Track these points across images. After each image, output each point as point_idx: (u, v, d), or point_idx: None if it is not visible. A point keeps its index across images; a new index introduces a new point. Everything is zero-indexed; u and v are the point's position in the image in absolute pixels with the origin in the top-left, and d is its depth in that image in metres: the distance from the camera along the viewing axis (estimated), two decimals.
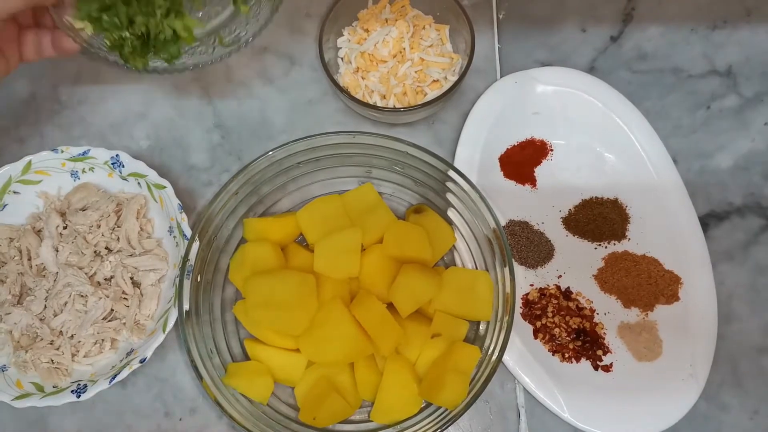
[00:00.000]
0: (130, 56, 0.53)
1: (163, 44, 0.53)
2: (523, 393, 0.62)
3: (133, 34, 0.52)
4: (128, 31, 0.51)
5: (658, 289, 0.63)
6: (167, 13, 0.52)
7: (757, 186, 0.69)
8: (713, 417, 0.61)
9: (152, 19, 0.51)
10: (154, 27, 0.52)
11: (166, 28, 0.52)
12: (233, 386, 0.56)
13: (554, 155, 0.69)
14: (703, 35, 0.75)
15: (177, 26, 0.53)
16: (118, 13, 0.50)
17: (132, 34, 0.51)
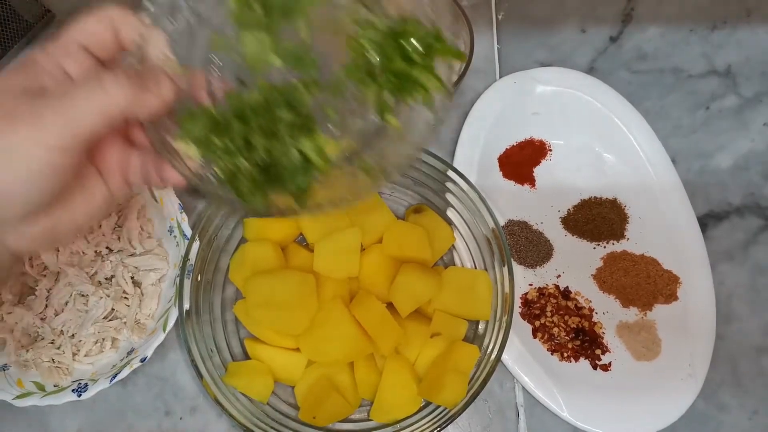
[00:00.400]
0: (247, 192, 0.40)
1: (290, 173, 0.41)
2: (522, 392, 0.62)
3: (252, 162, 0.40)
4: (244, 158, 0.40)
5: (656, 289, 0.63)
6: (293, 130, 0.41)
7: (757, 186, 0.69)
8: (712, 416, 0.61)
9: (276, 142, 0.40)
10: (279, 151, 0.40)
11: (293, 151, 0.41)
12: (233, 385, 0.56)
13: (553, 155, 0.69)
14: (703, 35, 0.76)
15: (306, 147, 0.41)
16: (231, 132, 0.40)
17: (251, 163, 0.40)
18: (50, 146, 0.32)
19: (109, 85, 0.34)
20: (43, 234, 0.36)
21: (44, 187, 0.34)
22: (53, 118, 0.32)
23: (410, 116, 0.43)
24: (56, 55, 0.36)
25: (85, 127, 0.33)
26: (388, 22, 0.43)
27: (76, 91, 0.33)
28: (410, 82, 0.41)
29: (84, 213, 0.38)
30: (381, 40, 0.42)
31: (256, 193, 0.40)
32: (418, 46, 0.41)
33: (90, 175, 0.39)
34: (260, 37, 0.43)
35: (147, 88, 0.36)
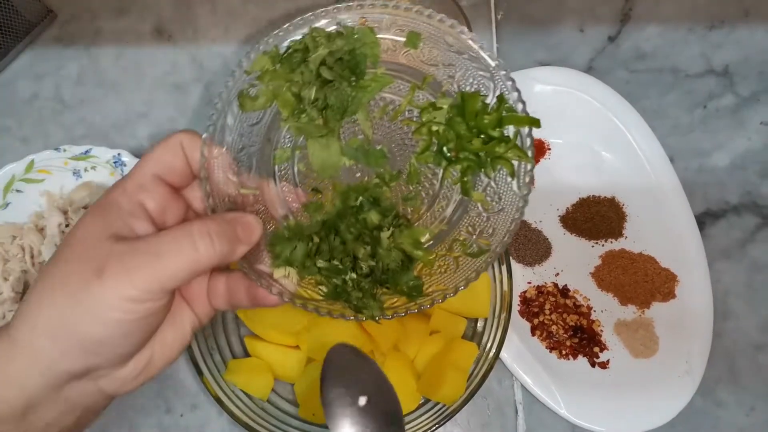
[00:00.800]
0: (361, 304, 0.39)
1: (393, 276, 0.40)
2: (520, 389, 0.62)
3: (360, 275, 0.40)
4: (355, 272, 0.40)
5: (654, 287, 0.63)
6: (387, 230, 0.40)
7: (754, 185, 0.69)
8: (709, 413, 0.61)
9: (379, 246, 0.40)
10: (385, 256, 0.40)
11: (394, 252, 0.40)
12: (234, 382, 0.56)
13: (552, 154, 0.70)
14: (701, 35, 0.76)
15: (405, 243, 0.41)
16: (332, 251, 0.40)
17: (358, 275, 0.40)
18: (139, 300, 0.32)
19: (200, 243, 0.34)
20: (138, 373, 0.36)
21: (135, 335, 0.34)
22: (143, 275, 0.32)
23: (496, 187, 0.42)
24: (134, 193, 0.36)
25: (175, 281, 0.33)
26: (448, 101, 0.42)
27: (166, 247, 0.33)
28: (492, 158, 0.41)
29: (176, 345, 0.39)
30: (447, 119, 0.42)
31: (369, 302, 0.40)
32: (489, 120, 0.40)
33: (178, 307, 0.39)
34: (326, 143, 0.42)
35: (238, 240, 0.36)
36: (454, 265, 0.42)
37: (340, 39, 0.41)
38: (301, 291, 0.40)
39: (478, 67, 0.42)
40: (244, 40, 0.77)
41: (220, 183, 0.40)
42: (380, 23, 0.43)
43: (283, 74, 0.41)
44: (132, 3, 0.78)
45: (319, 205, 0.42)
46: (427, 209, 0.43)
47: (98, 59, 0.76)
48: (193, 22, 0.78)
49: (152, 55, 0.76)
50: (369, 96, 0.42)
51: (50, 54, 0.76)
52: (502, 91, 0.41)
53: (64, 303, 0.32)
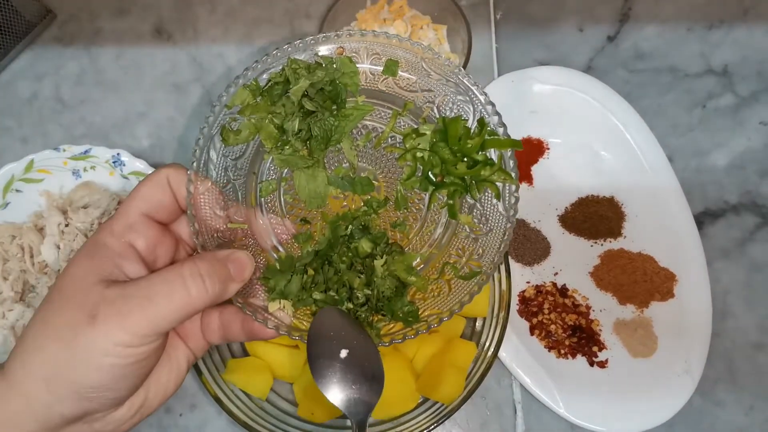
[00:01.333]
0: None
1: (389, 303, 0.41)
2: (519, 389, 0.62)
3: (357, 304, 0.41)
4: (350, 302, 0.41)
5: (653, 286, 0.63)
6: (380, 258, 0.41)
7: (753, 184, 0.69)
8: (708, 413, 0.61)
9: (373, 275, 0.41)
10: (381, 284, 0.41)
11: (389, 279, 0.41)
12: (233, 382, 0.56)
13: (551, 154, 0.70)
14: (700, 35, 0.76)
15: (399, 271, 0.42)
16: (327, 281, 0.41)
17: (354, 304, 0.41)
18: (133, 344, 0.33)
19: (191, 285, 0.34)
20: (133, 414, 0.36)
21: (129, 379, 0.34)
22: (135, 320, 0.32)
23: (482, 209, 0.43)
24: (122, 234, 0.36)
25: (167, 324, 0.34)
26: (430, 127, 0.42)
27: (157, 290, 0.34)
28: (477, 181, 0.41)
29: (171, 383, 0.39)
30: (431, 145, 0.42)
31: (367, 330, 0.40)
32: (472, 144, 0.41)
33: (173, 345, 0.39)
34: (312, 173, 0.43)
35: (231, 279, 0.36)
36: (447, 288, 0.42)
37: (320, 70, 0.42)
38: (297, 323, 0.40)
39: (456, 91, 0.43)
40: (243, 40, 0.77)
41: (208, 218, 0.40)
42: (358, 52, 0.43)
43: (264, 107, 0.42)
44: (132, 3, 0.78)
45: (309, 235, 0.43)
46: (416, 234, 0.44)
47: (98, 59, 0.76)
48: (193, 22, 0.78)
49: (152, 55, 0.77)
50: (352, 125, 0.43)
51: (50, 54, 0.77)
52: (483, 115, 0.42)
53: (57, 349, 0.32)
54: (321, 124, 0.42)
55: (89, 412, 0.34)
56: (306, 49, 0.42)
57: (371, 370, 0.40)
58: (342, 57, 0.43)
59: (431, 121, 0.43)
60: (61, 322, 0.33)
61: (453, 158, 0.42)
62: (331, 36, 0.42)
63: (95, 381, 0.32)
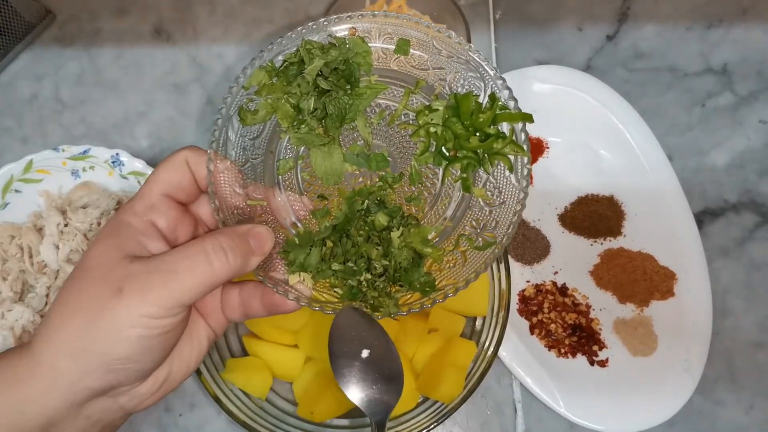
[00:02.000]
0: (377, 303, 0.41)
1: (406, 273, 0.41)
2: (519, 388, 0.62)
3: (375, 274, 0.41)
4: (368, 273, 0.41)
5: (653, 285, 0.63)
6: (396, 230, 0.42)
7: (752, 183, 0.69)
8: (708, 412, 0.61)
9: (390, 246, 0.41)
10: (398, 255, 0.41)
11: (405, 250, 0.42)
12: (232, 381, 0.56)
13: (550, 153, 0.70)
14: (699, 34, 0.76)
15: (415, 242, 0.42)
16: (346, 253, 0.41)
17: (373, 275, 0.41)
18: (157, 316, 0.33)
19: (214, 258, 0.35)
20: (157, 388, 0.37)
21: (155, 352, 0.35)
22: (159, 293, 0.33)
23: (495, 182, 0.43)
24: (144, 213, 0.37)
25: (191, 296, 0.34)
26: (442, 103, 0.43)
27: (181, 264, 0.34)
28: (489, 154, 0.42)
29: (193, 359, 0.40)
30: (443, 120, 0.43)
31: (385, 300, 0.41)
32: (484, 119, 0.41)
33: (194, 322, 0.40)
34: (328, 151, 0.44)
35: (251, 252, 0.37)
36: (462, 259, 0.43)
37: (333, 50, 0.42)
38: (316, 294, 0.41)
39: (467, 68, 0.43)
40: (243, 40, 0.77)
41: (228, 196, 0.41)
42: (370, 33, 0.44)
43: (280, 87, 0.43)
44: (131, 3, 0.79)
45: (326, 211, 0.43)
46: (430, 208, 0.44)
47: (98, 59, 0.77)
48: (193, 22, 0.78)
49: (151, 56, 0.77)
50: (366, 103, 0.44)
51: (50, 54, 0.77)
52: (494, 90, 0.42)
53: (84, 323, 0.33)
54: (336, 103, 0.43)
55: (115, 386, 0.34)
56: (320, 30, 0.43)
57: (391, 370, 0.41)
58: (354, 37, 0.43)
59: (443, 98, 0.44)
60: (87, 296, 0.33)
61: (465, 133, 0.42)
62: (344, 17, 0.43)
63: (122, 353, 0.33)
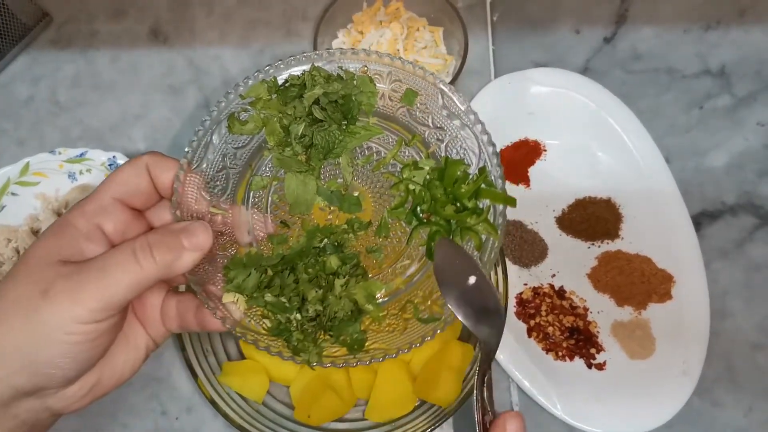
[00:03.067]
0: (300, 346, 0.39)
1: (342, 324, 0.39)
2: (517, 391, 0.62)
3: (305, 317, 0.39)
4: (299, 313, 0.39)
5: (651, 288, 0.63)
6: (344, 278, 0.40)
7: (751, 184, 0.69)
8: (707, 414, 0.61)
9: (330, 293, 0.39)
10: (334, 303, 0.39)
11: (345, 302, 0.40)
12: (229, 385, 0.56)
13: (548, 155, 0.70)
14: (697, 35, 0.76)
15: (358, 296, 0.40)
16: (283, 287, 0.39)
17: (303, 316, 0.39)
18: (84, 320, 0.33)
19: (141, 257, 0.34)
20: (85, 393, 0.37)
21: (82, 356, 0.34)
22: (87, 294, 0.33)
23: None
24: (92, 215, 0.36)
25: (119, 298, 0.34)
26: (430, 163, 0.42)
27: (109, 265, 0.34)
28: (462, 227, 0.41)
29: (128, 366, 0.39)
30: (426, 181, 0.42)
31: (309, 346, 0.39)
32: (465, 190, 0.41)
33: (132, 328, 0.39)
34: (304, 180, 0.43)
35: (182, 248, 0.35)
36: (402, 326, 0.41)
37: (337, 82, 0.42)
38: (244, 322, 0.40)
39: (467, 134, 0.42)
40: (240, 43, 0.77)
41: (192, 201, 0.40)
42: (381, 74, 0.43)
43: (276, 105, 0.42)
44: (128, 5, 0.78)
45: (284, 238, 0.42)
46: (389, 265, 0.43)
47: (94, 62, 0.76)
48: (189, 24, 0.78)
49: (148, 58, 0.76)
50: (356, 143, 0.43)
51: (46, 57, 0.77)
52: (485, 164, 0.41)
53: (12, 324, 0.32)
54: (325, 135, 0.42)
55: (41, 388, 0.34)
56: (332, 60, 0.43)
57: (493, 302, 0.39)
58: (364, 75, 0.43)
59: (435, 158, 0.43)
60: (14, 296, 0.33)
61: (444, 199, 0.41)
62: (360, 53, 0.42)
63: (45, 356, 0.33)
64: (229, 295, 0.39)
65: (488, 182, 0.41)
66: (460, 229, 0.41)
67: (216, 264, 0.40)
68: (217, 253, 0.41)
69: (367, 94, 0.43)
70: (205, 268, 0.40)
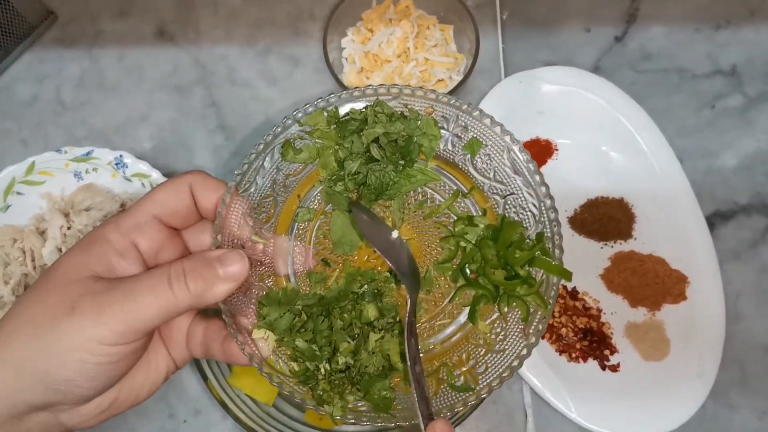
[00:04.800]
0: (326, 397, 0.37)
1: (368, 380, 0.37)
2: (530, 393, 0.61)
3: (334, 367, 0.37)
4: (329, 363, 0.37)
5: (664, 289, 0.62)
6: (383, 334, 0.38)
7: (763, 185, 0.69)
8: (721, 417, 0.60)
9: (363, 347, 0.38)
10: (366, 357, 0.38)
11: (376, 355, 0.38)
12: (239, 387, 0.55)
13: (559, 155, 0.69)
14: (707, 35, 0.75)
15: (392, 351, 0.38)
16: (316, 333, 0.37)
17: (333, 367, 0.37)
18: (107, 342, 0.32)
19: (176, 286, 0.33)
20: (101, 411, 0.36)
21: (101, 378, 0.33)
22: (113, 315, 0.32)
23: (504, 325, 0.40)
24: (128, 231, 0.35)
25: (147, 323, 0.32)
26: (486, 221, 0.41)
27: (141, 288, 0.33)
28: (510, 294, 0.39)
29: (146, 387, 0.38)
30: (479, 239, 0.41)
31: (334, 399, 0.37)
32: (520, 256, 0.39)
33: (154, 348, 0.38)
34: (351, 218, 0.41)
35: (217, 278, 0.34)
36: (434, 389, 0.39)
37: (400, 121, 0.40)
38: (272, 360, 0.38)
39: (528, 196, 0.41)
40: (245, 42, 0.76)
41: (234, 225, 0.39)
42: (447, 118, 0.42)
43: (333, 136, 0.41)
44: (133, 4, 0.78)
45: (323, 277, 0.41)
46: (427, 320, 0.41)
47: (99, 61, 0.76)
48: (195, 23, 0.77)
49: (154, 57, 0.76)
50: (411, 187, 0.42)
51: (51, 56, 0.76)
52: (544, 230, 0.40)
53: (31, 337, 0.32)
54: (380, 175, 0.41)
55: (55, 404, 0.33)
56: (398, 97, 0.41)
57: (410, 259, 0.40)
58: (429, 117, 0.41)
59: (494, 213, 0.42)
60: (40, 309, 0.32)
61: (496, 262, 0.40)
62: (429, 93, 0.41)
63: (63, 375, 0.32)
64: (260, 331, 0.38)
65: (545, 251, 0.39)
66: (507, 296, 0.39)
67: (251, 295, 0.39)
68: (254, 283, 0.40)
69: (429, 137, 0.41)
70: (239, 298, 0.38)
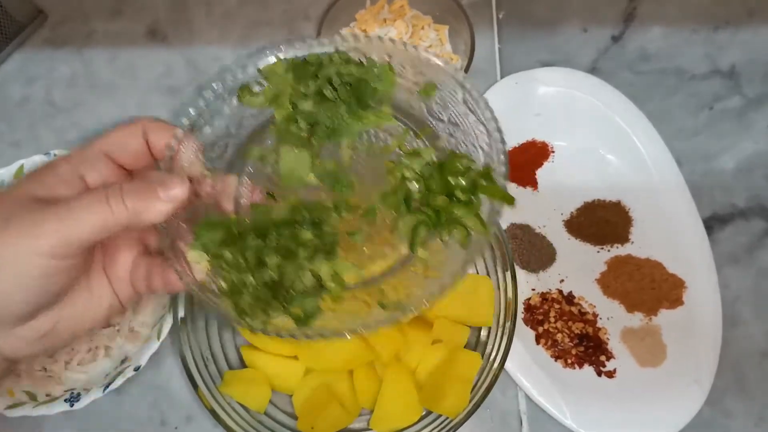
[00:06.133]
0: (247, 309, 0.37)
1: (299, 297, 0.38)
2: (525, 399, 0.61)
3: (260, 281, 0.38)
4: (253, 276, 0.38)
5: (661, 293, 0.62)
6: (314, 253, 0.38)
7: (761, 188, 0.68)
8: (718, 423, 0.60)
9: (291, 263, 0.38)
10: (292, 273, 0.38)
11: (307, 273, 0.38)
12: (229, 394, 0.55)
13: (556, 157, 0.68)
14: (706, 36, 0.74)
15: (322, 271, 0.38)
16: (244, 248, 0.38)
17: (258, 281, 0.38)
18: (42, 253, 0.32)
19: (113, 203, 0.33)
20: (41, 337, 0.36)
21: (37, 292, 0.33)
22: (48, 227, 0.32)
23: (443, 252, 0.40)
24: (77, 163, 0.36)
25: (82, 237, 0.33)
26: (434, 154, 0.41)
27: (78, 205, 0.33)
28: (450, 219, 0.39)
29: (88, 317, 0.38)
30: (425, 171, 0.40)
31: (256, 312, 0.37)
32: (463, 182, 0.39)
33: (97, 281, 0.39)
34: (300, 155, 0.41)
35: (155, 197, 0.34)
36: (366, 312, 0.39)
37: (355, 66, 0.41)
38: (204, 282, 0.38)
39: (479, 133, 0.41)
40: (240, 42, 0.75)
41: (185, 162, 0.39)
42: (404, 66, 0.42)
43: (290, 81, 0.41)
44: (126, 4, 0.77)
45: (268, 209, 0.41)
46: (370, 253, 0.41)
47: (91, 61, 0.75)
48: (188, 23, 0.76)
49: (146, 57, 0.75)
50: (361, 127, 0.42)
51: (41, 56, 0.75)
52: (490, 164, 0.40)
53: None
54: (331, 114, 0.41)
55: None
56: (357, 47, 0.41)
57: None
58: (386, 64, 0.41)
59: (439, 152, 0.42)
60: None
61: (439, 191, 0.40)
62: (386, 41, 0.41)
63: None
64: (193, 253, 0.38)
65: (489, 178, 0.39)
66: (446, 221, 0.39)
67: (189, 220, 0.39)
68: (199, 215, 0.40)
69: (386, 83, 0.41)
70: (179, 225, 0.39)
